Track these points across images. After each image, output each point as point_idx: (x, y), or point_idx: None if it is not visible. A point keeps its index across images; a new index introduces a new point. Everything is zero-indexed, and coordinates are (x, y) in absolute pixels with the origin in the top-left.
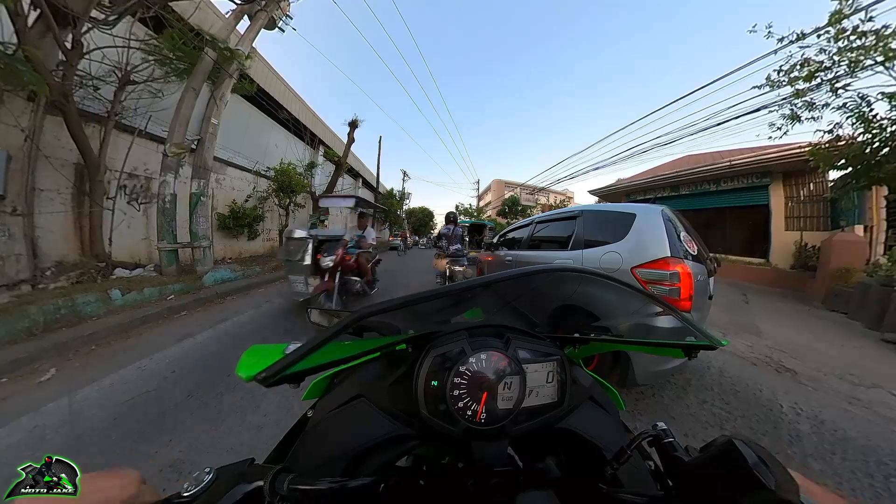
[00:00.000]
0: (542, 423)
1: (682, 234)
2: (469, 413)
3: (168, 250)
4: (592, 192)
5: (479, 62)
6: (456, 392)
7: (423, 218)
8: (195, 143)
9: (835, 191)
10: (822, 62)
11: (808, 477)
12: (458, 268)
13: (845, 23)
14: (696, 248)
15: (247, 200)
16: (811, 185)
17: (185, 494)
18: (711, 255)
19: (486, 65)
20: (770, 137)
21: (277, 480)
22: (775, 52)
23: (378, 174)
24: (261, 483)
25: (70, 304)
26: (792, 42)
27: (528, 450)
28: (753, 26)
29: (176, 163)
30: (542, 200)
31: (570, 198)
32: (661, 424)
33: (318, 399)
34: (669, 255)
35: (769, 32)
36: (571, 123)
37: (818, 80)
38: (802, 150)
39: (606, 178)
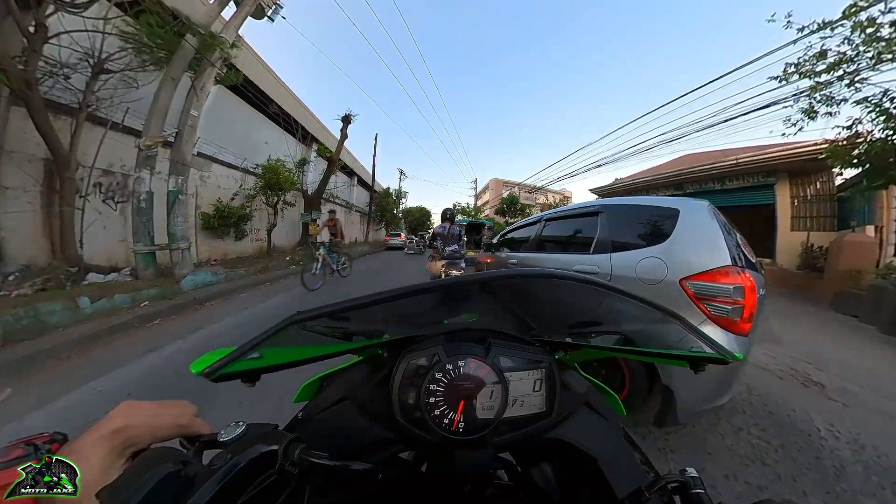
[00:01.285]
0: (527, 434)
1: (738, 236)
2: (446, 422)
3: (144, 253)
4: (593, 191)
5: (478, 60)
6: (432, 399)
7: (420, 217)
8: (172, 135)
9: (849, 189)
10: (845, 53)
11: None
12: (454, 272)
13: (863, 15)
14: (752, 253)
15: (233, 199)
16: (818, 184)
17: (220, 440)
18: (757, 260)
19: (485, 63)
20: (784, 134)
21: (290, 448)
22: (795, 41)
23: (374, 172)
24: (276, 447)
25: (33, 313)
26: (813, 32)
27: (523, 453)
28: (773, 15)
29: (152, 158)
30: (542, 200)
31: (567, 197)
32: (692, 471)
33: (308, 402)
34: (730, 263)
35: (788, 22)
36: (572, 122)
37: (840, 71)
38: (815, 147)
39: (607, 177)
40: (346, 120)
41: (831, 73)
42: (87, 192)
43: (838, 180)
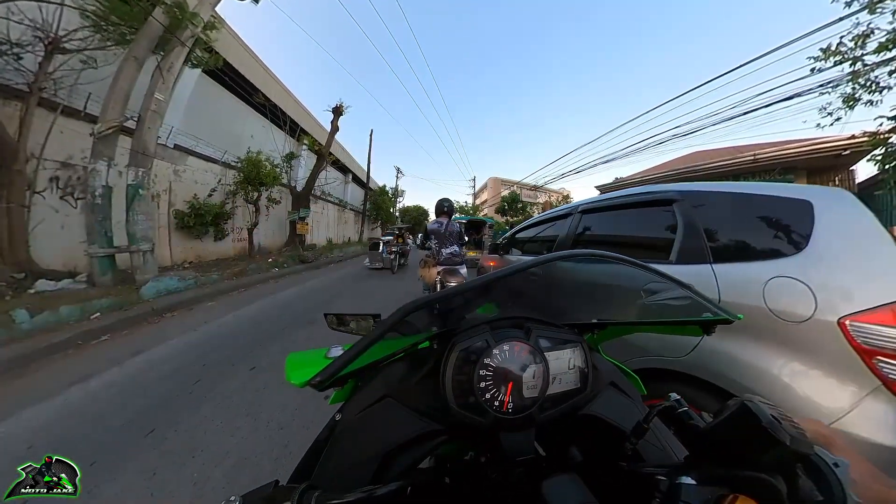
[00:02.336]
0: (566, 409)
1: None
2: (496, 403)
3: (101, 256)
4: (599, 188)
5: (478, 55)
6: (483, 384)
7: (417, 217)
8: (133, 121)
9: (888, 186)
10: None
11: (820, 424)
12: (452, 282)
13: None
14: None
15: (210, 195)
16: (837, 181)
17: None
18: None
19: (485, 58)
20: (819, 125)
21: (304, 498)
22: (840, 19)
23: (368, 170)
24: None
25: None
26: (863, 8)
27: (551, 440)
28: None
29: (110, 147)
30: (543, 199)
31: (566, 196)
32: (674, 395)
33: (343, 403)
34: None
35: None
36: (574, 120)
37: (894, 51)
38: (841, 142)
39: (610, 175)
40: (338, 111)
41: (881, 53)
42: (41, 187)
43: (859, 178)
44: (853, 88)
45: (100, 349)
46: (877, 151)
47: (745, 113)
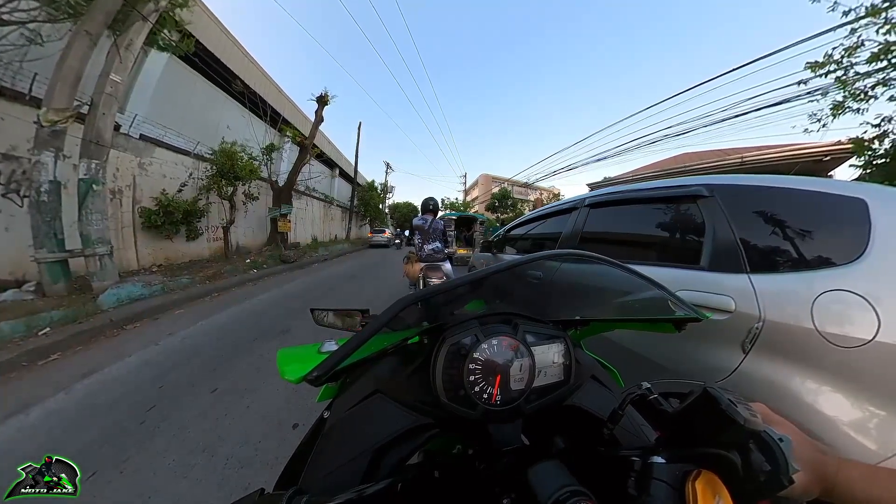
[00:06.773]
0: (551, 400)
1: None
2: (485, 396)
3: (51, 262)
4: (590, 185)
5: (471, 52)
6: (472, 377)
7: (407, 214)
8: (86, 107)
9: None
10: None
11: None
12: (434, 279)
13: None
14: None
15: (180, 190)
16: None
17: None
18: None
19: (478, 56)
20: (806, 130)
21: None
22: (837, 27)
23: (356, 164)
24: None
25: None
26: (860, 18)
27: (536, 430)
28: None
29: (57, 136)
30: (534, 196)
31: (556, 195)
32: (646, 384)
33: (332, 400)
34: None
35: (835, 2)
36: (568, 119)
37: (884, 61)
38: (823, 148)
39: (600, 174)
40: (322, 101)
41: (873, 63)
42: None
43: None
44: (843, 97)
45: (46, 371)
46: (859, 157)
47: (736, 116)
